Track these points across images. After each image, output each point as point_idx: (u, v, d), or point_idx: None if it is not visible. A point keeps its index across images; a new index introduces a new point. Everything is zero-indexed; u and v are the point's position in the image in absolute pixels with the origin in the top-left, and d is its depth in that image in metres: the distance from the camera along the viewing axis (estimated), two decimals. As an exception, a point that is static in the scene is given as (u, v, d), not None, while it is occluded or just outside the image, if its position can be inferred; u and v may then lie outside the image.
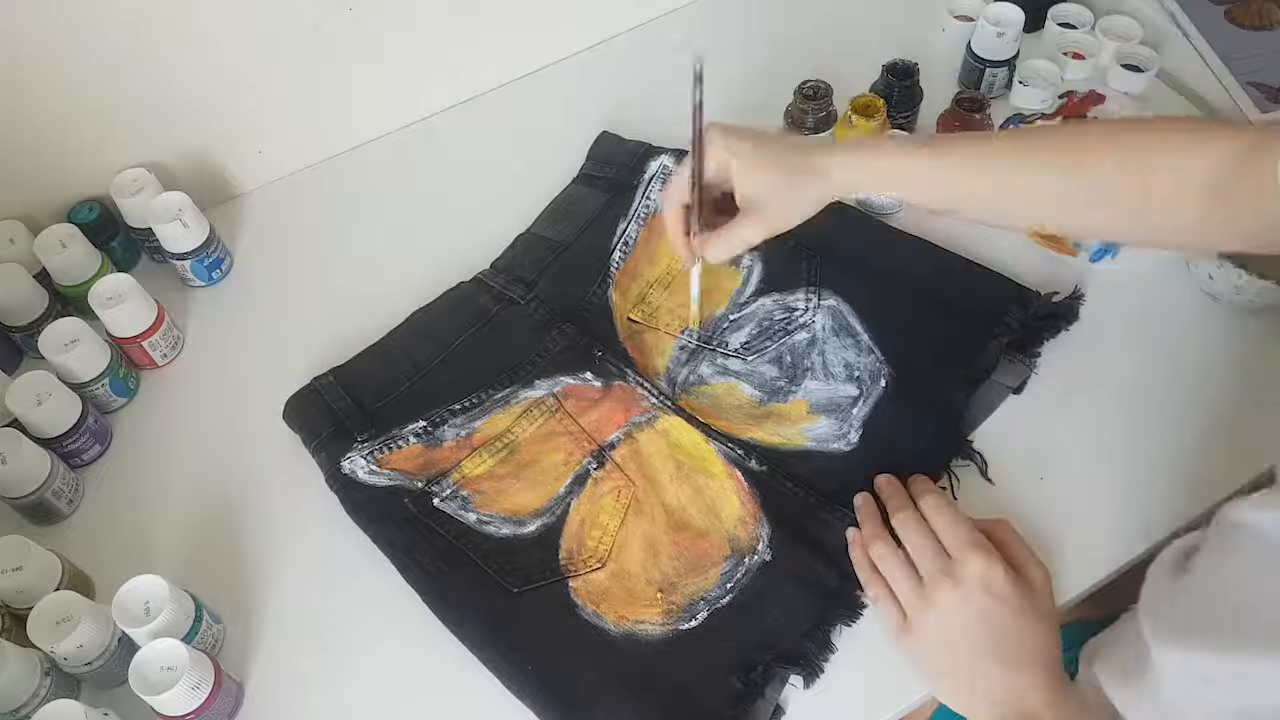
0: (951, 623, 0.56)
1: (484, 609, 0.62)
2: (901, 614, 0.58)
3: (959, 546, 0.57)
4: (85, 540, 0.68)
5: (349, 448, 0.68)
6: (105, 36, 0.74)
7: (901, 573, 0.59)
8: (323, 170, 0.90)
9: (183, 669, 0.55)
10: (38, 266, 0.76)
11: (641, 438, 0.69)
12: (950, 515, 0.59)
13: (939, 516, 0.59)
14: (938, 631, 0.56)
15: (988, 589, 0.55)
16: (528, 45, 0.94)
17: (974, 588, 0.55)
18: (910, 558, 0.59)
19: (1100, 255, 0.76)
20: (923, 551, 0.58)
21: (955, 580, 0.56)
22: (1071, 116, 0.85)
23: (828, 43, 0.94)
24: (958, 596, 0.56)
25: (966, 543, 0.57)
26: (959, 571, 0.56)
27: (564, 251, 0.79)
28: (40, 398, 0.67)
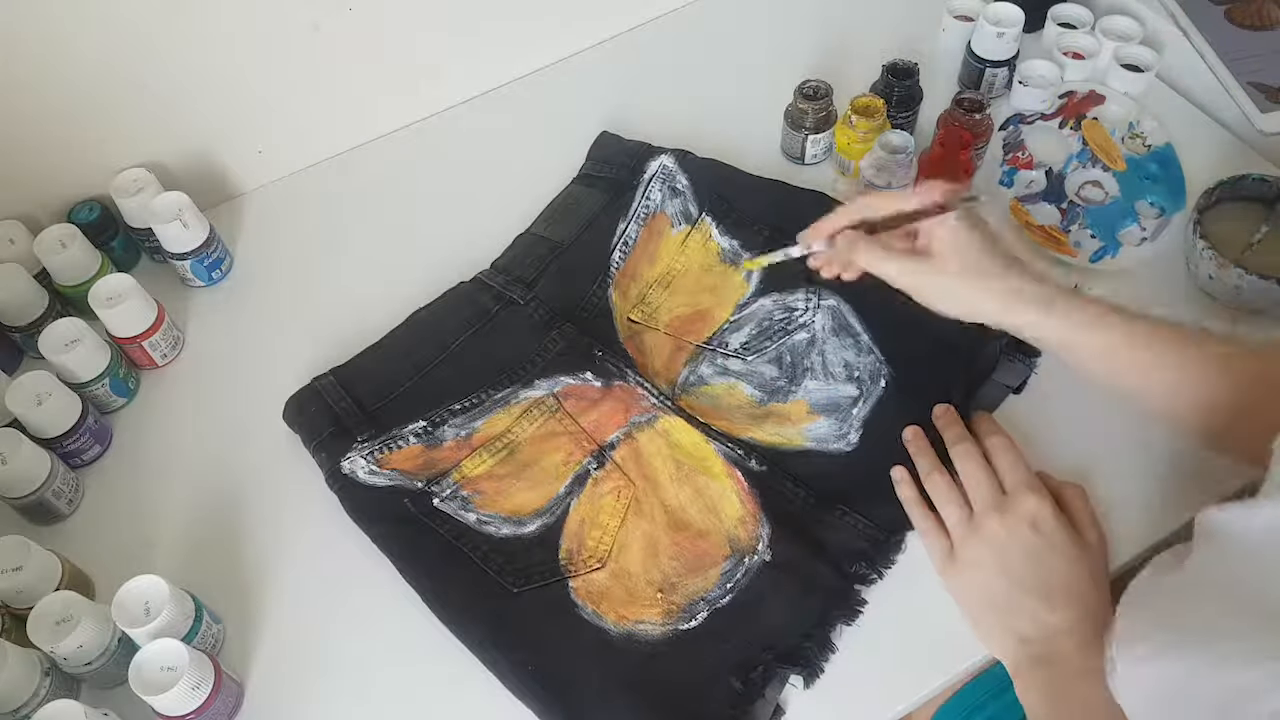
0: (996, 554, 0.57)
1: (484, 609, 0.62)
2: (948, 546, 0.59)
3: (1014, 484, 0.58)
4: (85, 540, 0.68)
5: (349, 448, 0.68)
6: (105, 36, 0.74)
7: (954, 503, 0.59)
8: (323, 170, 0.90)
9: (183, 669, 0.55)
10: (38, 266, 0.76)
11: (641, 438, 0.69)
12: (1013, 455, 0.60)
13: (1001, 455, 0.60)
14: (982, 563, 0.57)
15: (1035, 525, 0.56)
16: (528, 45, 0.94)
17: (1022, 522, 0.56)
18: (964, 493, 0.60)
19: (1100, 255, 0.76)
20: (978, 483, 0.59)
21: (1005, 513, 0.57)
22: (1071, 116, 0.85)
23: (828, 43, 0.94)
24: (1005, 529, 0.57)
25: (1022, 480, 0.58)
26: (1010, 505, 0.57)
27: (564, 251, 0.79)
28: (40, 398, 0.67)
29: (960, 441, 0.62)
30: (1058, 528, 0.56)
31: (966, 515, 0.59)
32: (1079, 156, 0.83)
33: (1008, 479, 0.59)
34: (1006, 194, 0.81)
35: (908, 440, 0.65)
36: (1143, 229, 0.78)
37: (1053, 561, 0.56)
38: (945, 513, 0.60)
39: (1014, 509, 0.57)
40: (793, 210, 0.79)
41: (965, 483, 0.60)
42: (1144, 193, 0.80)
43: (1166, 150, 0.82)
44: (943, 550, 0.60)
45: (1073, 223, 0.79)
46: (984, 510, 0.58)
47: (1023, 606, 0.55)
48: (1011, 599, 0.56)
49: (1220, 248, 0.71)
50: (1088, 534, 0.58)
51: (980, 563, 0.58)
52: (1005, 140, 0.84)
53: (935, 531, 0.61)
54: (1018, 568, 0.56)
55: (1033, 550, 0.56)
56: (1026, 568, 0.56)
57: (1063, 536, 0.56)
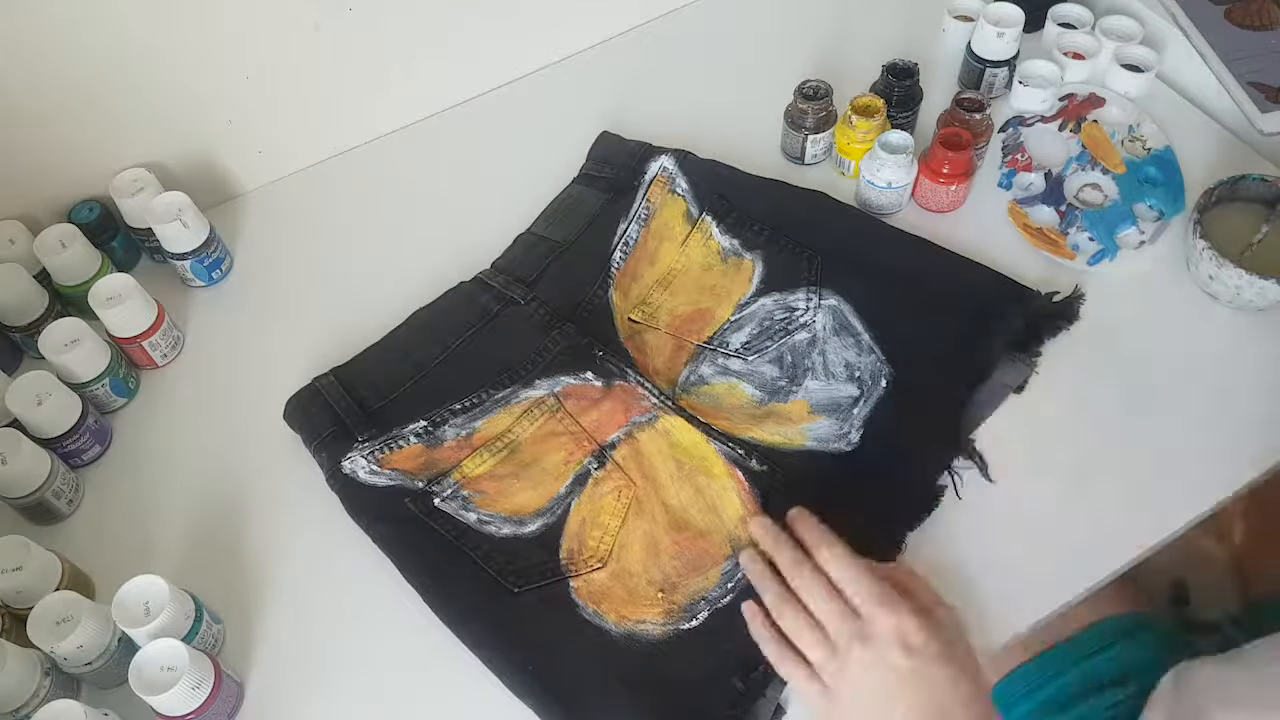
0: (872, 685, 0.53)
1: (485, 609, 0.62)
2: (819, 684, 0.55)
3: (865, 602, 0.54)
4: (85, 540, 0.68)
5: (349, 448, 0.68)
6: (105, 36, 0.74)
7: (811, 636, 0.56)
8: (323, 170, 0.90)
9: (183, 669, 0.55)
10: (38, 266, 0.76)
11: (642, 437, 0.69)
12: (850, 570, 0.56)
13: (840, 571, 0.56)
14: (857, 693, 0.54)
15: (906, 645, 0.52)
16: (528, 45, 0.94)
17: (889, 646, 0.52)
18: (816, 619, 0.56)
19: (1098, 258, 0.76)
20: (829, 612, 0.55)
21: (868, 639, 0.53)
22: (1071, 119, 0.85)
23: (828, 43, 0.95)
24: (873, 657, 0.53)
25: (872, 597, 0.54)
26: (871, 630, 0.53)
27: (564, 251, 0.79)
28: (40, 398, 0.67)
29: (795, 565, 0.58)
30: (922, 635, 0.52)
31: (828, 647, 0.55)
32: (1078, 159, 0.83)
33: (853, 596, 0.55)
34: (1005, 196, 0.81)
35: (745, 566, 0.61)
36: (1141, 232, 0.78)
37: (933, 674, 0.52)
38: (807, 650, 0.56)
39: (877, 633, 0.53)
40: (793, 210, 0.79)
41: (818, 617, 0.56)
42: (1143, 196, 0.80)
43: (1166, 153, 0.82)
44: (808, 686, 0.56)
45: (1071, 225, 0.79)
46: (846, 642, 0.54)
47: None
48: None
49: (1220, 248, 0.71)
50: (940, 613, 0.55)
51: (859, 698, 0.54)
52: (1004, 142, 0.84)
53: (800, 672, 0.56)
54: (901, 694, 0.52)
55: (909, 671, 0.52)
56: (907, 693, 0.52)
57: (930, 641, 0.52)
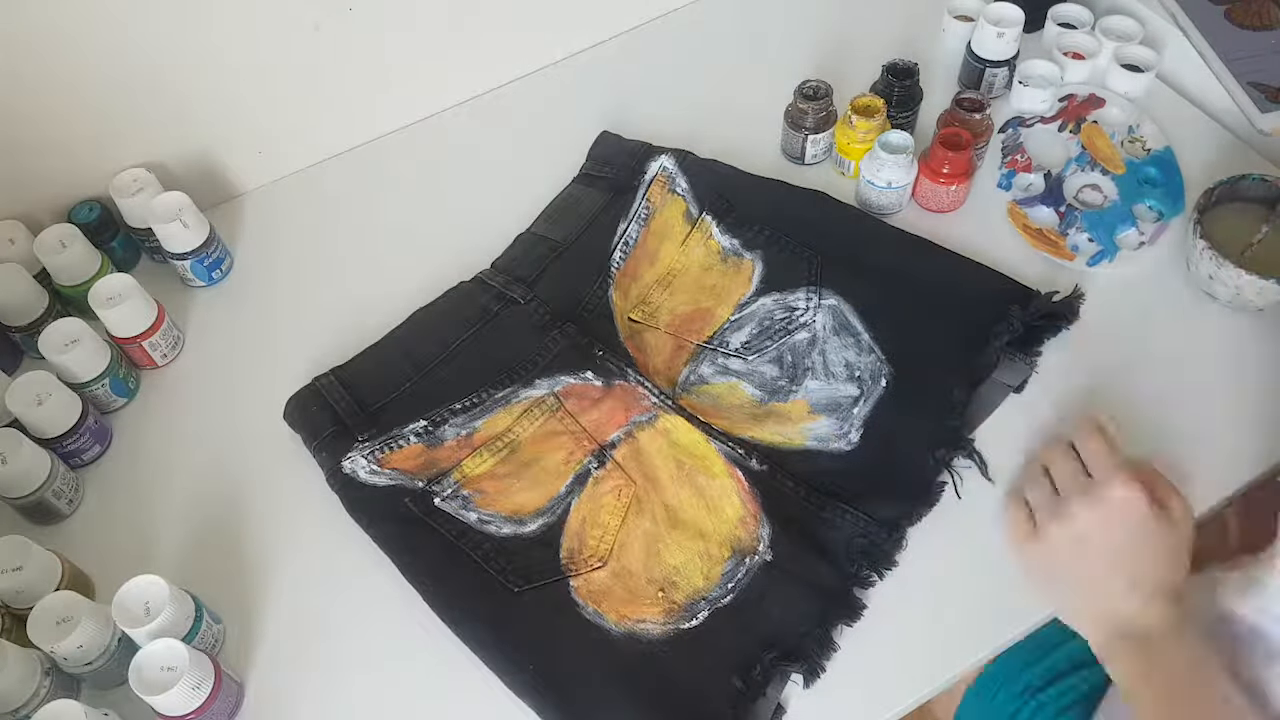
0: (1084, 539, 0.56)
1: (485, 608, 0.62)
2: (1029, 520, 0.59)
3: (1105, 468, 0.57)
4: (85, 540, 0.68)
5: (350, 447, 0.68)
6: (105, 37, 0.74)
7: (1041, 482, 0.59)
8: (323, 170, 0.90)
9: (183, 669, 0.55)
10: (38, 266, 0.76)
11: (642, 437, 0.69)
12: (1098, 441, 0.59)
13: (1087, 442, 0.60)
14: (1068, 545, 0.57)
15: (1128, 512, 0.56)
16: (528, 45, 0.94)
17: (1114, 509, 0.56)
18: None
19: (1097, 259, 0.76)
20: (1064, 470, 0.59)
21: (1095, 499, 0.56)
22: (1071, 119, 0.85)
23: (828, 43, 0.95)
24: (1098, 515, 0.56)
25: (1112, 466, 0.57)
26: (1101, 492, 0.56)
27: (564, 251, 0.79)
28: (40, 398, 0.67)
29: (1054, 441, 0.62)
30: (1148, 511, 0.55)
31: (1050, 493, 0.59)
32: (1078, 160, 0.83)
33: (1094, 463, 0.58)
34: (1005, 196, 0.81)
35: None
36: (1141, 233, 0.78)
37: (1144, 548, 0.55)
38: (1030, 492, 0.60)
39: (1105, 495, 0.56)
40: (793, 210, 0.79)
41: (1054, 474, 0.60)
42: (1143, 197, 0.80)
43: (1166, 154, 0.82)
44: (1023, 524, 0.59)
45: (1070, 226, 0.79)
46: (1072, 494, 0.57)
47: (1113, 590, 0.55)
48: (1101, 582, 0.56)
49: (1220, 248, 0.71)
50: (1174, 504, 0.57)
51: (1066, 544, 0.57)
52: (1004, 143, 0.84)
53: (1018, 506, 0.60)
54: (1110, 553, 0.56)
55: (1126, 536, 0.55)
56: (1116, 554, 0.55)
57: (1153, 519, 0.55)
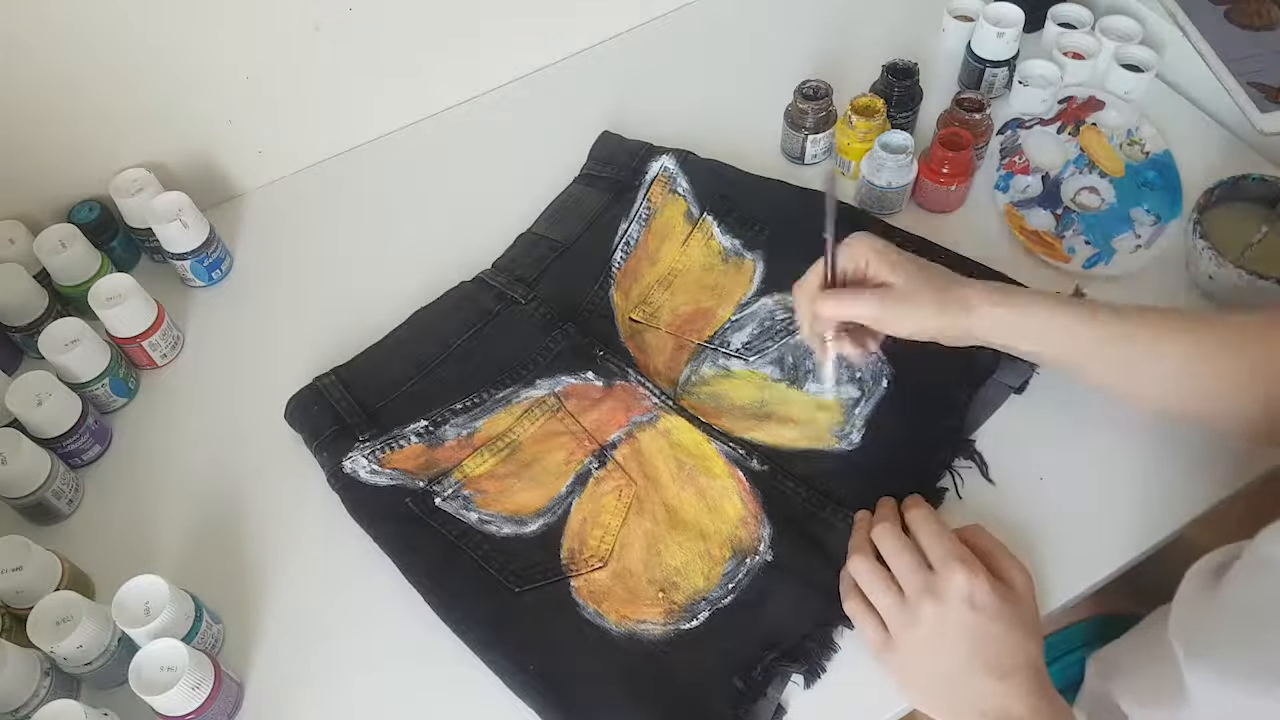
0: (936, 638, 0.55)
1: (485, 608, 0.62)
2: (883, 630, 0.58)
3: (941, 559, 0.56)
4: (85, 540, 0.68)
5: (350, 447, 0.68)
6: (105, 36, 0.74)
7: (883, 588, 0.58)
8: (323, 170, 0.90)
9: (183, 669, 0.55)
10: (38, 266, 0.76)
11: (643, 437, 0.69)
12: (932, 528, 0.58)
13: (921, 529, 0.59)
14: (922, 647, 0.56)
15: (972, 603, 0.55)
16: (528, 45, 0.94)
17: (958, 602, 0.55)
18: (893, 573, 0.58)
19: (1094, 262, 0.76)
20: (903, 566, 0.57)
21: (939, 596, 0.55)
22: (1070, 121, 0.85)
23: (828, 43, 0.95)
24: (942, 612, 0.55)
25: (948, 555, 0.56)
26: (942, 586, 0.55)
27: (565, 251, 0.79)
28: (40, 398, 0.67)
29: (881, 522, 0.60)
30: (991, 597, 0.55)
31: (899, 599, 0.57)
32: (1076, 162, 0.82)
33: (930, 553, 0.57)
34: (1002, 199, 0.81)
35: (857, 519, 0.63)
36: (1138, 236, 0.78)
37: (995, 634, 0.54)
38: (875, 596, 0.58)
39: (946, 590, 0.55)
40: (793, 210, 0.79)
41: (891, 567, 0.58)
42: (1140, 200, 0.80)
43: (1165, 157, 0.82)
44: (877, 634, 0.58)
45: (1067, 229, 0.78)
46: (916, 594, 0.56)
47: (975, 685, 0.54)
48: (962, 681, 0.55)
49: (1220, 248, 0.71)
50: (1014, 577, 0.57)
51: (920, 648, 0.56)
52: (1002, 145, 0.84)
53: (865, 613, 0.59)
54: (962, 649, 0.55)
55: (974, 628, 0.54)
56: (968, 649, 0.55)
57: (997, 602, 0.55)
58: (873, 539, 0.60)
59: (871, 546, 0.60)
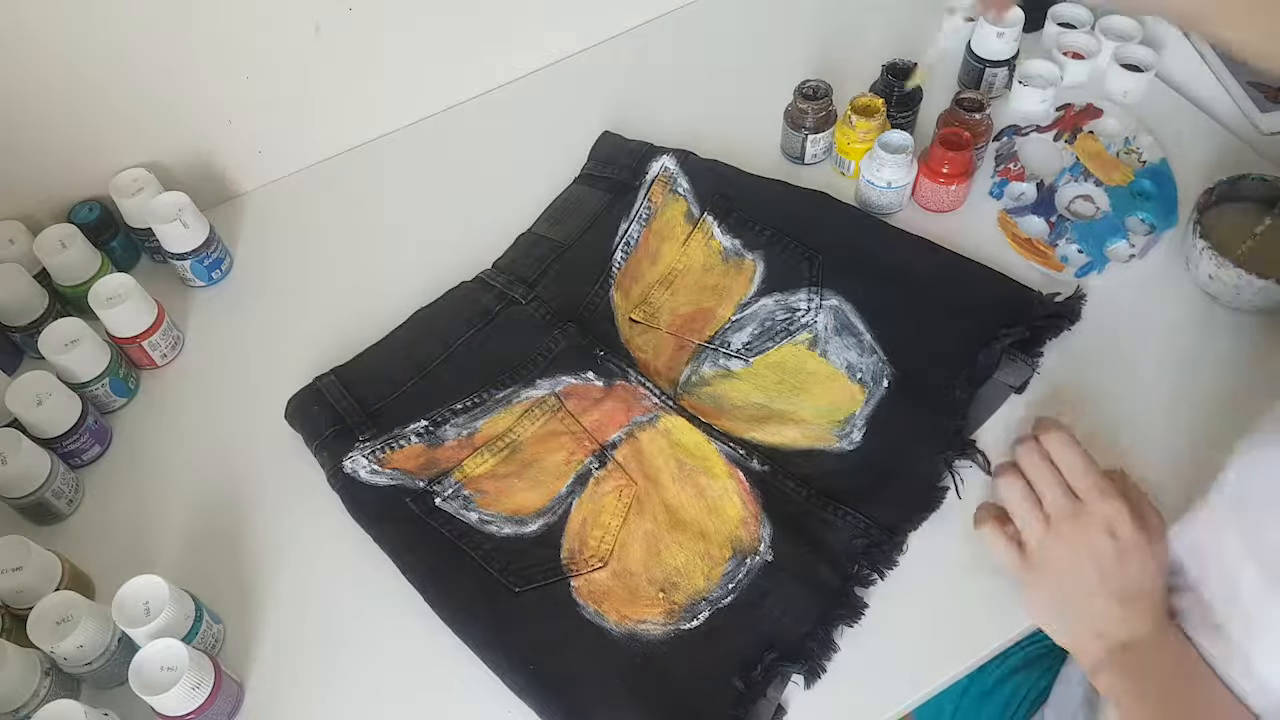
0: (1073, 558, 0.57)
1: (485, 608, 0.62)
2: (1017, 550, 0.60)
3: (1087, 488, 0.58)
4: (85, 540, 0.68)
5: (350, 447, 0.68)
6: (105, 37, 0.74)
7: (1028, 504, 0.60)
8: (323, 170, 0.90)
9: (183, 669, 0.55)
10: (38, 266, 0.75)
11: (643, 437, 0.69)
12: (1078, 456, 0.60)
13: (1067, 456, 0.60)
14: (1058, 565, 0.58)
15: (1113, 532, 0.57)
16: (528, 45, 0.94)
17: (1101, 529, 0.57)
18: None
19: (1086, 270, 0.76)
20: (1048, 488, 0.60)
21: (1083, 521, 0.57)
22: (1068, 128, 0.85)
23: (828, 43, 0.95)
24: (1085, 536, 0.57)
25: (1094, 485, 0.58)
26: (1086, 512, 0.58)
27: (566, 251, 0.79)
28: (40, 398, 0.67)
29: (1025, 444, 0.62)
30: (1131, 529, 0.57)
31: (1039, 519, 0.59)
32: (1071, 170, 0.82)
33: (1078, 482, 0.59)
34: (995, 205, 0.81)
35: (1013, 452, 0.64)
36: (1131, 245, 0.77)
37: (1128, 565, 0.56)
38: (1020, 513, 0.60)
39: (1090, 515, 0.58)
40: (794, 210, 0.79)
41: (1036, 487, 0.60)
42: (1135, 209, 0.79)
43: (1161, 166, 0.82)
44: (1011, 553, 0.60)
45: (1060, 237, 0.78)
46: (1060, 517, 0.59)
47: (1100, 607, 0.56)
48: (1089, 601, 0.57)
49: (1220, 247, 0.71)
50: (1150, 517, 0.59)
51: (1056, 566, 0.58)
52: (998, 152, 0.84)
53: (1000, 536, 0.61)
54: (1095, 572, 0.57)
55: (1110, 556, 0.57)
56: (1101, 573, 0.57)
57: (1135, 535, 0.57)
58: (1018, 462, 0.62)
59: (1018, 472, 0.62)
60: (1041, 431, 0.62)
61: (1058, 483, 0.60)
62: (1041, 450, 0.61)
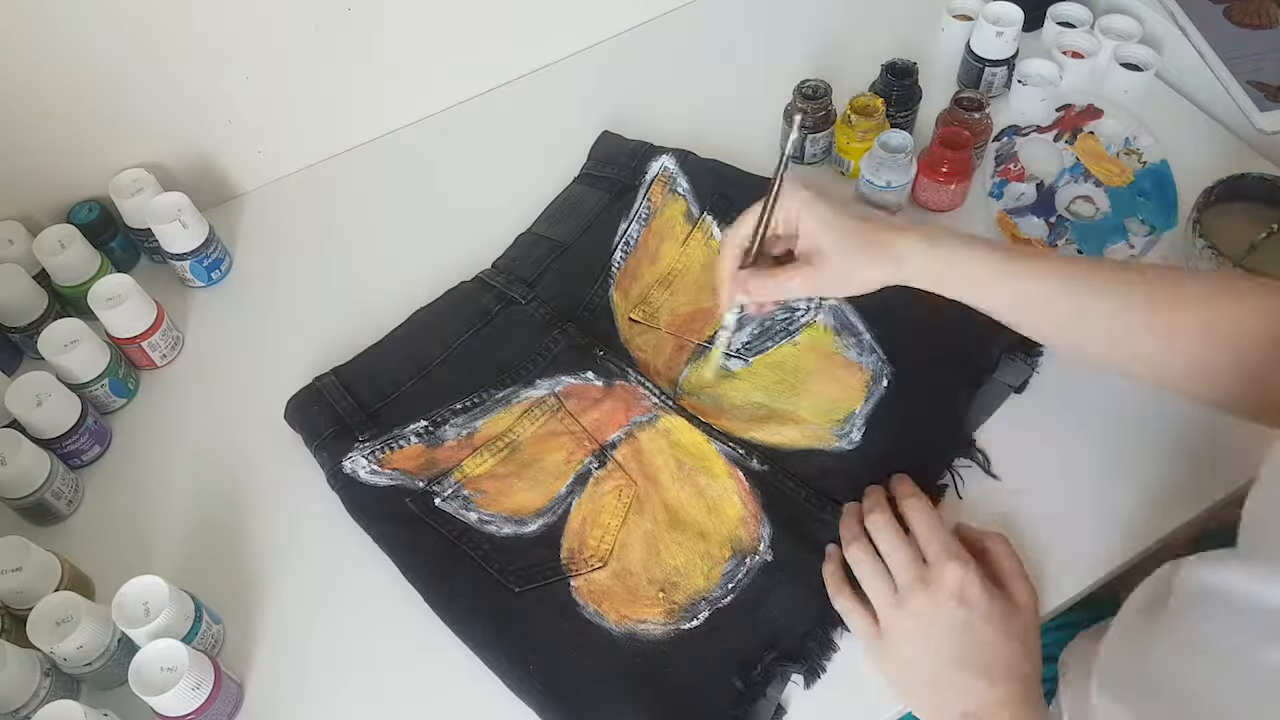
0: (924, 631, 0.55)
1: (485, 608, 0.62)
2: (873, 622, 0.57)
3: (935, 553, 0.56)
4: (85, 540, 0.68)
5: (350, 447, 0.68)
6: (104, 37, 0.74)
7: (877, 578, 0.57)
8: (323, 170, 0.90)
9: (183, 669, 0.55)
10: (37, 267, 0.75)
11: (643, 437, 0.69)
12: (927, 519, 0.58)
13: (916, 520, 0.58)
14: (911, 640, 0.56)
15: (962, 598, 0.54)
16: (528, 45, 0.94)
17: (948, 596, 0.54)
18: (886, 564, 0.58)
19: None
20: (897, 557, 0.57)
21: (929, 587, 0.55)
22: (1069, 129, 0.85)
23: (828, 43, 0.95)
24: (931, 604, 0.55)
25: (942, 550, 0.56)
26: (934, 578, 0.55)
27: (565, 251, 0.79)
28: (40, 398, 0.67)
29: (874, 510, 0.60)
30: (984, 596, 0.54)
31: (890, 590, 0.57)
32: (1071, 170, 0.82)
33: (928, 548, 0.57)
34: (995, 206, 0.81)
35: (844, 510, 0.63)
36: (1131, 246, 0.77)
37: (985, 634, 0.54)
38: (868, 588, 0.58)
39: (937, 582, 0.55)
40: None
41: (884, 556, 0.58)
42: (1135, 210, 0.79)
43: (1161, 168, 0.81)
44: (867, 627, 0.58)
45: (1059, 237, 0.78)
46: (907, 585, 0.56)
47: (958, 683, 0.54)
48: (946, 677, 0.54)
49: (1220, 247, 0.71)
50: (1016, 591, 0.56)
51: (909, 641, 0.56)
52: (998, 152, 0.84)
53: (857, 609, 0.58)
54: (949, 644, 0.54)
55: (962, 625, 0.54)
56: (956, 645, 0.54)
57: (988, 603, 0.54)
58: (868, 529, 0.60)
59: (866, 536, 0.60)
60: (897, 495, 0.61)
61: (907, 553, 0.57)
62: (887, 516, 0.59)
